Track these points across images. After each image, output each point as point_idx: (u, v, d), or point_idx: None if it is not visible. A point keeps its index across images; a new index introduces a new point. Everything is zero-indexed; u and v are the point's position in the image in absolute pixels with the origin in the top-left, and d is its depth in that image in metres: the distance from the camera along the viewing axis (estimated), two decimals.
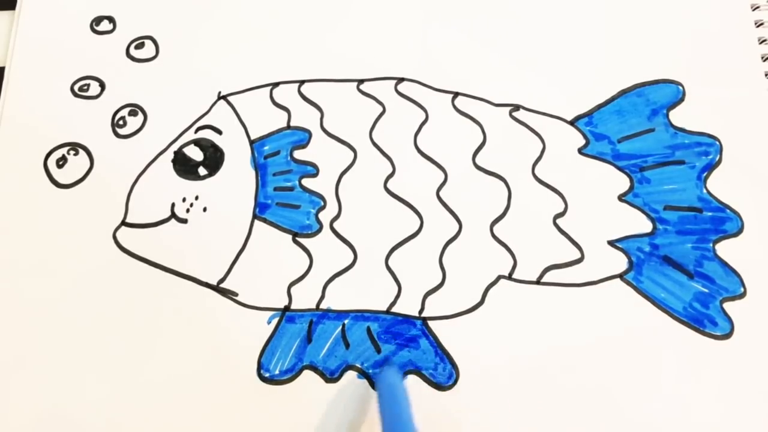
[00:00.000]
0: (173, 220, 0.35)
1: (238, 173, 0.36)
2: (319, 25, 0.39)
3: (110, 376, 0.32)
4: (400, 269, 0.34)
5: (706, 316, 0.33)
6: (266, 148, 0.36)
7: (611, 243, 0.34)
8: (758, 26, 0.38)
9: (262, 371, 0.32)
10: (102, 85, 0.38)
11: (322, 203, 0.35)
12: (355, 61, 0.38)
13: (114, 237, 0.35)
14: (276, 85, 0.38)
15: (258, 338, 0.33)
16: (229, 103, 0.37)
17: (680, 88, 0.37)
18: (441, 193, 0.35)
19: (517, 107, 0.37)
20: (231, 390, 0.32)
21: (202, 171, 0.36)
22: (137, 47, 0.39)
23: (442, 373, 0.32)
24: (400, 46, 0.38)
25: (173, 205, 0.35)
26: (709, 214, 0.35)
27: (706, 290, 0.33)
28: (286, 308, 0.33)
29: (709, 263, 0.34)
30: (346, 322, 0.33)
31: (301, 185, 0.36)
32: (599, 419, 0.31)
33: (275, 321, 0.33)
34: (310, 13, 0.39)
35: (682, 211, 0.35)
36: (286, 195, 0.35)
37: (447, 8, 0.39)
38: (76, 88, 0.38)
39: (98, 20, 0.40)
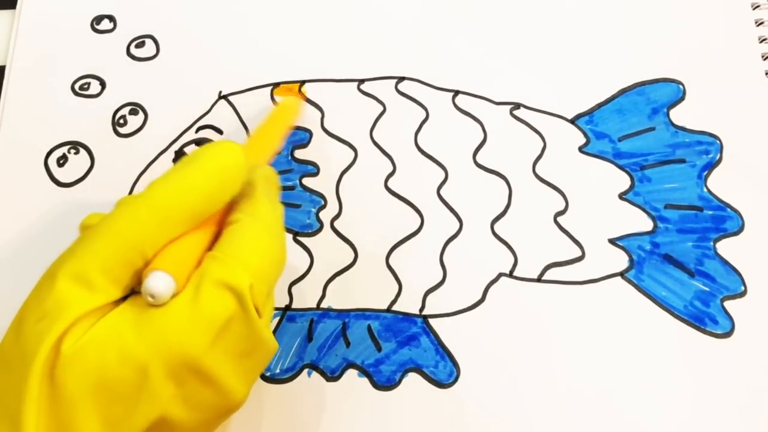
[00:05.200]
0: None
1: None
2: (320, 25, 0.39)
3: None
4: (401, 268, 0.34)
5: (706, 315, 0.33)
6: None
7: (612, 241, 0.34)
8: (758, 25, 0.38)
9: None
10: (102, 84, 0.38)
11: (323, 202, 0.35)
12: (355, 61, 0.38)
13: None
14: (276, 84, 0.38)
15: None
16: (229, 102, 0.37)
17: (681, 86, 0.37)
18: (441, 192, 0.35)
19: (517, 105, 0.37)
20: None
21: None
22: (138, 46, 0.39)
23: (443, 371, 0.32)
24: (400, 46, 0.39)
25: None
26: (710, 212, 0.35)
27: (706, 289, 0.33)
28: (287, 307, 0.33)
29: (710, 262, 0.34)
30: (346, 320, 0.33)
31: (301, 184, 0.36)
32: (599, 417, 0.31)
33: (276, 320, 0.33)
34: (311, 12, 0.40)
35: (683, 209, 0.35)
36: (287, 194, 0.35)
37: (447, 7, 0.39)
38: (76, 86, 0.38)
39: (99, 19, 0.40)
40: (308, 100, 0.37)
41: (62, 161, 0.36)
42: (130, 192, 0.36)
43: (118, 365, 0.21)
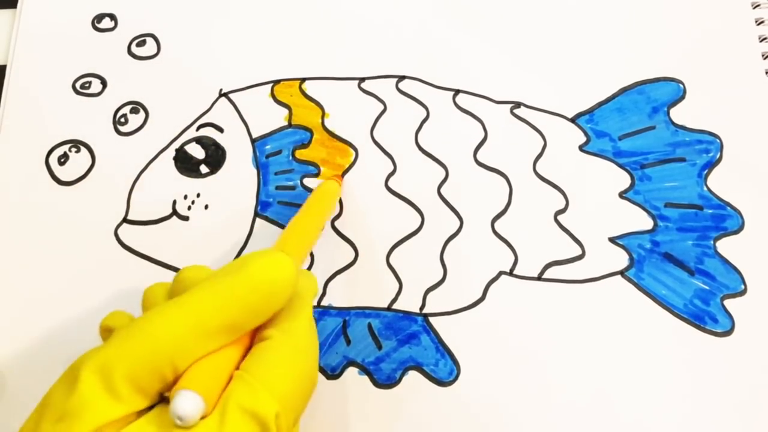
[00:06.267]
0: (175, 218, 0.35)
1: (239, 171, 0.36)
2: (320, 23, 0.39)
3: None
4: (401, 266, 0.34)
5: (706, 313, 0.33)
6: (268, 147, 0.36)
7: (612, 240, 0.34)
8: (759, 24, 0.38)
9: None
10: (103, 83, 0.38)
11: None
12: (356, 59, 0.38)
13: (116, 234, 0.35)
14: (277, 82, 0.38)
15: None
16: (230, 100, 0.37)
17: (681, 85, 0.37)
18: (442, 190, 0.35)
19: (518, 104, 0.37)
20: None
21: (203, 169, 0.36)
22: (138, 45, 0.39)
23: (443, 369, 0.32)
24: (401, 44, 0.39)
25: (175, 202, 0.35)
26: (710, 211, 0.35)
27: (706, 287, 0.33)
28: None
29: (710, 260, 0.34)
30: (347, 318, 0.33)
31: (302, 185, 0.36)
32: (599, 416, 0.31)
33: None
34: (312, 11, 0.40)
35: (683, 208, 0.35)
36: (288, 194, 0.35)
37: (448, 6, 0.39)
38: (77, 85, 0.38)
39: (99, 18, 0.40)
40: (308, 98, 0.37)
41: (63, 160, 0.36)
42: (131, 191, 0.36)
43: None
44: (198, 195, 0.35)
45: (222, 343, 0.23)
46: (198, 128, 0.37)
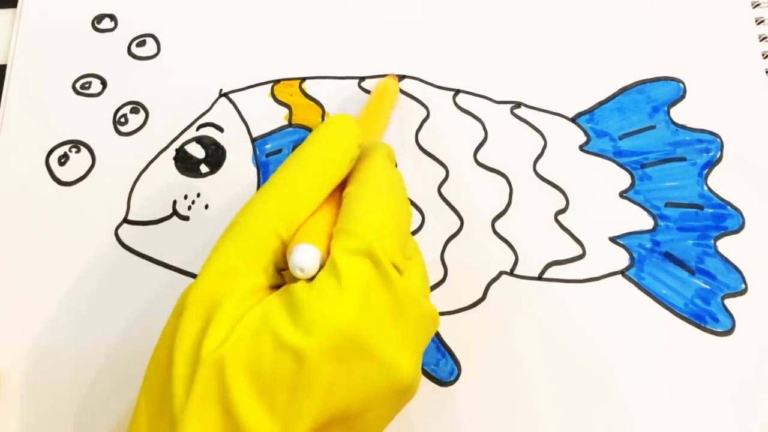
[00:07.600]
0: (175, 218, 0.35)
1: (239, 171, 0.36)
2: (320, 22, 0.39)
3: (111, 373, 0.32)
4: None
5: (707, 313, 0.33)
6: (268, 146, 0.36)
7: (613, 239, 0.34)
8: (759, 23, 0.38)
9: None
10: (104, 83, 0.38)
11: None
12: (356, 58, 0.38)
13: (116, 234, 0.35)
14: (277, 81, 0.38)
15: None
16: (230, 100, 0.37)
17: (681, 85, 0.37)
18: (442, 190, 0.35)
19: (518, 104, 0.37)
20: None
21: (204, 168, 0.36)
22: (139, 45, 0.39)
23: (444, 369, 0.32)
24: (401, 44, 0.39)
25: (175, 202, 0.35)
26: (710, 210, 0.35)
27: (707, 287, 0.33)
28: None
29: (711, 260, 0.34)
30: None
31: None
32: (600, 415, 0.31)
33: None
34: (311, 10, 0.40)
35: (684, 207, 0.35)
36: None
37: (448, 5, 0.39)
38: (77, 85, 0.38)
39: (100, 18, 0.40)
40: (308, 97, 0.37)
41: (63, 160, 0.36)
42: (131, 191, 0.36)
43: (274, 353, 0.21)
44: (198, 195, 0.35)
45: (313, 204, 0.25)
46: (198, 128, 0.37)
